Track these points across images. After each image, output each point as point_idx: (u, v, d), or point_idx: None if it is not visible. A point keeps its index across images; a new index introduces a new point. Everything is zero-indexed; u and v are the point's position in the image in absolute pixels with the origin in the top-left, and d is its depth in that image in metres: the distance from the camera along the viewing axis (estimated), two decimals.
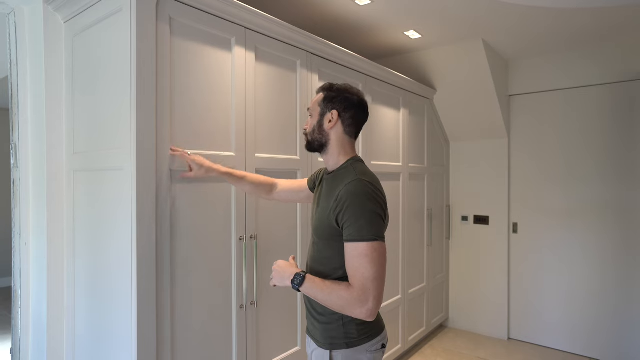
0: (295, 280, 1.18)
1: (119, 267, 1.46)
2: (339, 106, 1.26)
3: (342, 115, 1.26)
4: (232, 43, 1.72)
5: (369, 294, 1.07)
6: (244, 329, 1.76)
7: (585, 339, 3.21)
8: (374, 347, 1.23)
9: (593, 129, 3.19)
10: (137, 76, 1.37)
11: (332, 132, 1.27)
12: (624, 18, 2.55)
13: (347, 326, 1.21)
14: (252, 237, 1.79)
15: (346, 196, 1.13)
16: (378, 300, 1.08)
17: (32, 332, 1.77)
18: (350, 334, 1.21)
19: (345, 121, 1.27)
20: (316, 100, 1.31)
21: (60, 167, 1.74)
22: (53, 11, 1.69)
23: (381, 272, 1.09)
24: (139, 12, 1.37)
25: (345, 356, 1.21)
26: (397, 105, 2.94)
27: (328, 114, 1.26)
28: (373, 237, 1.09)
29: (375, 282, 1.08)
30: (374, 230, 1.10)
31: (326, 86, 1.31)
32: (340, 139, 1.27)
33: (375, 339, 1.23)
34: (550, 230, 3.37)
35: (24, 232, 1.79)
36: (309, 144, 1.32)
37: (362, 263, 1.08)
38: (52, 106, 1.71)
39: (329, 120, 1.26)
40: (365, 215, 1.11)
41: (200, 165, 1.48)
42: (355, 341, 1.21)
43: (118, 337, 1.46)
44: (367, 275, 1.08)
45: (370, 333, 1.23)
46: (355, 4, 2.34)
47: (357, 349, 1.21)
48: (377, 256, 1.09)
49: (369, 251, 1.08)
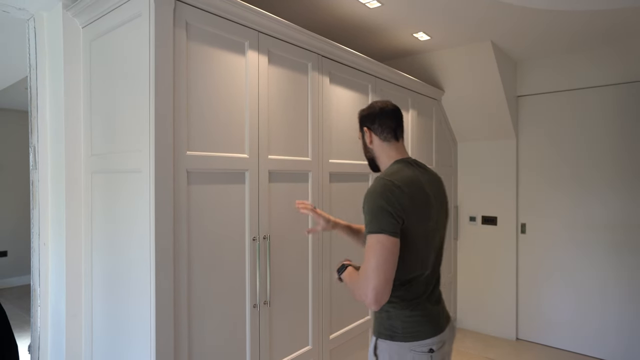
0: (339, 270, 1.36)
1: (137, 267, 1.49)
2: (367, 123, 1.42)
3: (372, 128, 1.41)
4: (245, 47, 1.75)
5: (369, 283, 1.15)
6: (257, 328, 1.79)
7: (594, 339, 3.21)
8: (420, 349, 1.25)
9: (602, 130, 3.19)
10: (155, 80, 1.40)
11: (374, 147, 1.42)
12: (633, 18, 2.55)
13: (393, 319, 1.28)
14: (265, 238, 1.82)
15: (365, 195, 1.26)
16: (378, 289, 1.14)
17: (51, 330, 1.82)
18: (395, 328, 1.27)
19: (376, 131, 1.41)
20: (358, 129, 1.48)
21: (79, 169, 1.78)
22: (72, 17, 1.73)
23: (382, 263, 1.15)
24: (157, 18, 1.41)
25: (389, 347, 1.28)
26: (406, 106, 2.96)
27: (364, 134, 1.44)
28: (378, 230, 1.17)
29: (375, 272, 1.14)
30: (380, 224, 1.17)
31: (358, 113, 1.47)
32: (381, 148, 1.41)
33: (422, 340, 1.25)
34: (559, 230, 3.37)
35: (42, 232, 1.83)
36: (369, 164, 1.48)
37: (368, 254, 1.17)
38: (70, 109, 1.75)
39: (367, 139, 1.43)
40: (373, 210, 1.20)
41: (328, 220, 1.60)
42: (399, 336, 1.26)
43: (136, 336, 1.50)
44: (369, 265, 1.16)
45: (415, 333, 1.25)
46: (365, 6, 2.36)
47: (400, 344, 1.26)
48: (380, 248, 1.15)
49: (373, 243, 1.17)
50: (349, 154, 2.38)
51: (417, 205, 1.24)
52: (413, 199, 1.23)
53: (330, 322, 2.22)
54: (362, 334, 2.47)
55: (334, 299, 2.26)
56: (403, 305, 1.27)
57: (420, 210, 1.25)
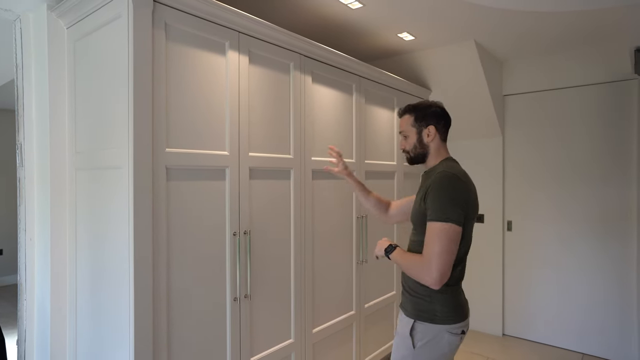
0: (388, 250, 1.46)
1: (117, 263, 1.54)
2: (432, 120, 1.51)
3: (438, 127, 1.52)
4: (226, 47, 1.80)
5: (432, 265, 1.26)
6: (237, 321, 1.84)
7: (579, 335, 3.26)
8: (455, 331, 1.38)
9: (586, 129, 3.24)
10: (134, 79, 1.45)
11: (431, 144, 1.52)
12: (613, 18, 2.60)
13: (434, 304, 1.39)
14: (245, 233, 1.87)
15: (432, 185, 1.36)
16: (442, 272, 1.26)
17: (37, 324, 1.86)
18: (436, 311, 1.38)
19: (440, 130, 1.52)
20: (407, 122, 1.55)
21: (63, 166, 1.83)
22: (56, 17, 1.78)
23: (447, 249, 1.26)
24: (136, 19, 1.45)
25: (426, 329, 1.38)
26: (392, 106, 3.01)
27: (425, 130, 1.51)
28: (445, 218, 1.27)
29: (440, 256, 1.26)
30: (448, 213, 1.28)
31: (410, 108, 1.54)
32: (437, 146, 1.53)
33: (458, 323, 1.39)
34: (544, 227, 3.42)
35: (29, 228, 1.88)
36: (412, 160, 1.56)
37: (433, 239, 1.28)
38: (55, 107, 1.80)
39: (427, 135, 1.51)
40: (443, 199, 1.30)
41: (346, 167, 1.85)
42: (439, 319, 1.38)
43: (116, 330, 1.55)
44: (435, 250, 1.26)
45: (453, 316, 1.38)
46: (347, 7, 2.41)
47: (438, 326, 1.37)
48: (446, 235, 1.26)
49: (440, 230, 1.27)
50: None
51: (472, 199, 1.38)
52: (471, 193, 1.37)
53: (313, 316, 2.27)
54: (346, 329, 2.52)
55: (317, 293, 2.31)
56: (444, 290, 1.38)
57: (473, 204, 1.39)
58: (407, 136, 1.55)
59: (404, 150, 1.58)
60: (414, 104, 1.55)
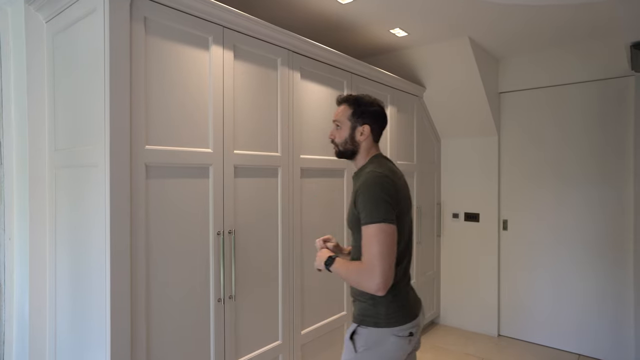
0: (327, 262, 1.37)
1: (95, 263, 1.49)
2: (369, 120, 1.44)
3: (373, 127, 1.45)
4: (209, 41, 1.75)
5: (375, 269, 1.20)
6: (222, 322, 1.79)
7: (575, 335, 3.22)
8: (401, 333, 1.32)
9: (582, 126, 3.19)
10: (110, 74, 1.41)
11: (363, 143, 1.45)
12: (609, 14, 2.55)
13: (378, 307, 1.33)
14: (230, 232, 1.82)
15: (360, 187, 1.31)
16: (386, 276, 1.20)
17: (16, 326, 1.82)
18: (379, 314, 1.32)
19: (375, 131, 1.46)
20: (343, 113, 1.46)
21: (43, 164, 1.78)
22: (34, 11, 1.73)
23: (387, 250, 1.21)
24: (112, 12, 1.41)
25: (370, 333, 1.32)
26: (385, 103, 2.96)
27: (359, 127, 1.44)
28: (380, 219, 1.23)
29: (381, 258, 1.20)
30: (381, 213, 1.24)
31: (352, 99, 1.46)
32: (369, 145, 1.46)
33: (404, 325, 1.32)
34: (540, 227, 3.37)
35: (8, 227, 1.84)
36: (341, 153, 1.48)
37: (371, 242, 1.22)
38: (34, 104, 1.76)
39: (361, 133, 1.44)
40: (372, 201, 1.25)
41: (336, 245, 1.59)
42: (383, 322, 1.32)
43: (94, 333, 1.50)
44: (374, 252, 1.21)
45: (398, 318, 1.32)
46: (337, 2, 2.36)
47: (383, 330, 1.31)
48: (384, 236, 1.22)
49: (376, 232, 1.22)
50: (323, 150, 2.38)
51: (402, 195, 1.34)
52: (399, 189, 1.33)
53: (302, 318, 2.23)
54: (336, 330, 2.47)
55: (306, 293, 2.26)
56: (388, 292, 1.32)
57: (404, 199, 1.35)
58: (340, 127, 1.46)
59: (332, 140, 1.49)
60: (356, 96, 1.46)
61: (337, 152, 1.48)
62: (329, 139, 1.57)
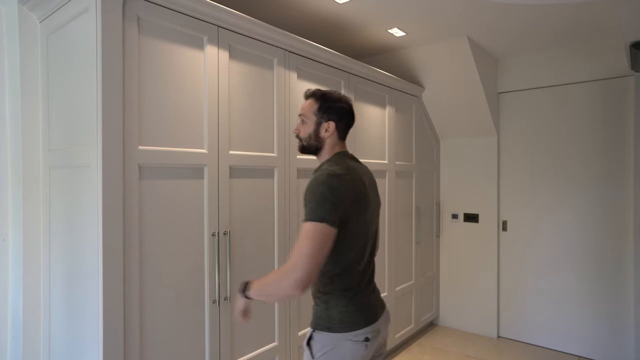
0: (243, 290, 1.30)
1: (88, 265, 1.48)
2: (334, 117, 1.38)
3: (338, 124, 1.39)
4: (204, 41, 1.74)
5: (298, 266, 1.14)
6: (217, 324, 1.78)
7: (575, 337, 3.19)
8: (356, 338, 1.27)
9: (582, 127, 3.17)
10: (102, 74, 1.40)
11: (327, 139, 1.39)
12: (608, 14, 2.53)
13: (330, 310, 1.28)
14: (225, 234, 1.81)
15: (310, 184, 1.25)
16: (307, 274, 1.14)
17: (10, 325, 1.81)
18: (332, 318, 1.28)
19: (340, 128, 1.40)
20: (309, 108, 1.40)
21: (37, 164, 1.78)
22: (28, 11, 1.72)
23: (317, 251, 1.15)
24: (104, 12, 1.40)
25: (325, 338, 1.28)
26: (383, 103, 2.95)
27: (324, 123, 1.38)
28: (318, 219, 1.17)
29: (308, 258, 1.14)
30: (322, 213, 1.18)
31: (319, 95, 1.40)
32: (333, 143, 1.40)
33: (358, 330, 1.27)
34: (540, 228, 3.35)
35: (2, 228, 1.83)
36: (305, 148, 1.43)
37: (304, 239, 1.17)
38: (28, 104, 1.75)
39: (325, 130, 1.38)
40: (317, 199, 1.20)
41: None
42: (336, 327, 1.27)
43: (87, 334, 1.49)
44: (303, 251, 1.15)
45: (353, 323, 1.27)
46: (334, 2, 2.35)
47: (337, 335, 1.26)
48: (318, 236, 1.16)
49: (311, 230, 1.17)
50: None
51: (359, 194, 1.28)
52: (355, 188, 1.27)
53: (298, 318, 2.21)
54: None
55: (303, 295, 2.25)
56: (340, 296, 1.28)
57: (361, 199, 1.29)
58: (305, 122, 1.41)
59: (297, 135, 1.44)
60: (324, 91, 1.41)
61: (301, 147, 1.43)
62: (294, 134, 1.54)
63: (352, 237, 1.27)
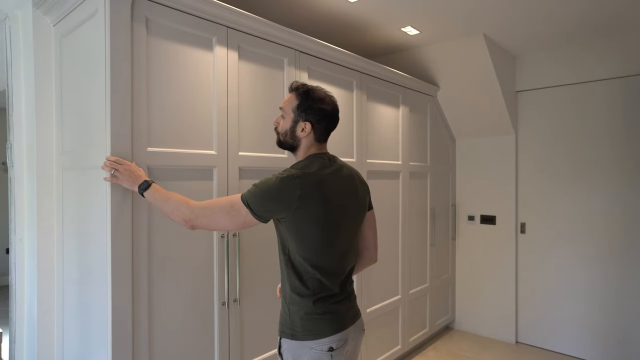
0: (141, 186, 1.34)
1: (99, 265, 1.49)
2: (312, 118, 1.29)
3: (315, 126, 1.30)
4: (213, 42, 1.73)
5: (197, 212, 1.23)
6: (226, 327, 1.77)
7: (598, 344, 3.08)
8: (319, 348, 1.21)
9: (604, 126, 3.05)
10: (111, 76, 1.40)
11: (303, 140, 1.32)
12: (631, 7, 2.43)
13: (293, 316, 1.25)
14: (234, 235, 1.80)
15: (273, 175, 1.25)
16: (196, 223, 1.23)
17: (26, 326, 1.84)
18: (295, 326, 1.24)
19: (317, 131, 1.31)
20: (289, 103, 1.32)
21: (51, 166, 1.80)
22: (42, 15, 1.75)
23: (222, 219, 1.22)
24: (113, 14, 1.40)
25: (290, 346, 1.24)
26: (397, 103, 2.90)
27: (301, 123, 1.29)
28: (249, 204, 1.20)
29: (211, 217, 1.22)
30: (256, 201, 1.20)
31: (301, 91, 1.31)
32: (309, 143, 1.32)
33: (321, 339, 1.22)
34: (560, 230, 3.24)
35: (19, 228, 1.86)
36: (281, 144, 1.37)
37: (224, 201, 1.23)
38: (41, 106, 1.78)
39: (302, 129, 1.30)
40: (263, 188, 1.20)
41: None
42: (299, 335, 1.23)
43: (98, 336, 1.50)
44: (215, 207, 1.23)
45: (315, 332, 1.22)
46: (345, 1, 2.32)
47: (300, 343, 1.22)
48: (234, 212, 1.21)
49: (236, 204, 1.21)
50: (331, 151, 2.34)
51: (323, 197, 1.21)
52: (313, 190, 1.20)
53: None
54: None
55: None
56: (302, 302, 1.23)
57: (325, 202, 1.21)
58: (284, 117, 1.33)
59: (275, 128, 1.37)
60: (308, 88, 1.31)
61: (277, 141, 1.37)
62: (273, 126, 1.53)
63: (314, 239, 1.20)
